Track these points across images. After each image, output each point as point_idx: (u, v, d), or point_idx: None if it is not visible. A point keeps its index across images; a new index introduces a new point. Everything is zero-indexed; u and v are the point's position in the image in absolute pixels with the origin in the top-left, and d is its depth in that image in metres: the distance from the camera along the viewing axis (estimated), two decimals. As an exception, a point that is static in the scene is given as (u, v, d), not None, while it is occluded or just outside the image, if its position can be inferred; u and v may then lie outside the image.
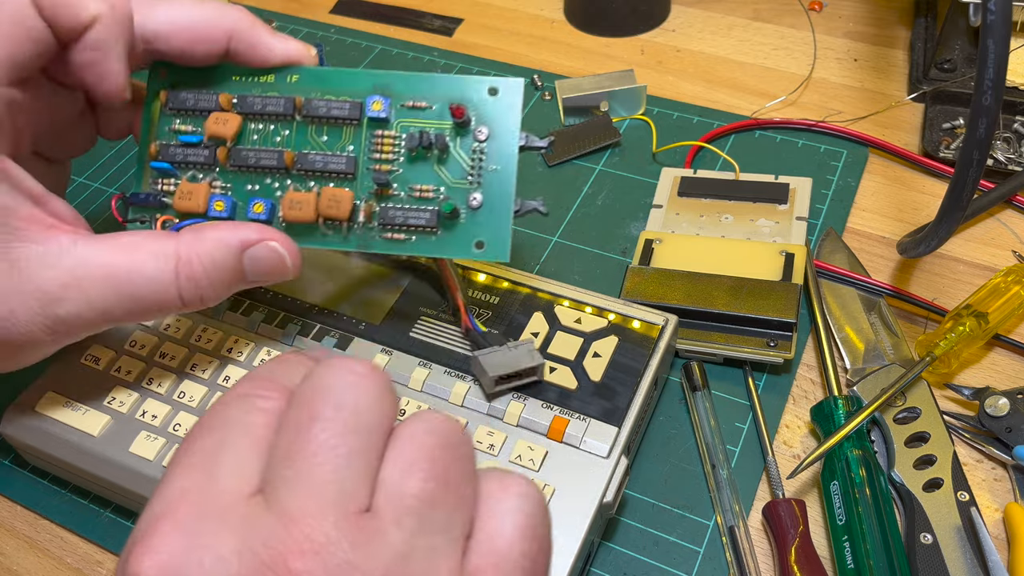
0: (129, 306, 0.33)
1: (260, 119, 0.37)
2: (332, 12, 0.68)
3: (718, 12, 0.64)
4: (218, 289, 0.34)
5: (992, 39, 0.32)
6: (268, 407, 0.25)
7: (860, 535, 0.35)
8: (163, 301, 0.33)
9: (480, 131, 0.36)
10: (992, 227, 0.48)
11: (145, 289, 0.33)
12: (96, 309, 0.32)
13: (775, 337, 0.42)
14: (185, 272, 0.33)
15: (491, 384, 0.36)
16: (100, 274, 0.32)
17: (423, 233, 0.36)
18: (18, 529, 0.40)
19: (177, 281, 0.33)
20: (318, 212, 0.36)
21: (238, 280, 0.35)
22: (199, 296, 0.34)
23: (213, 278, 0.34)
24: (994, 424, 0.39)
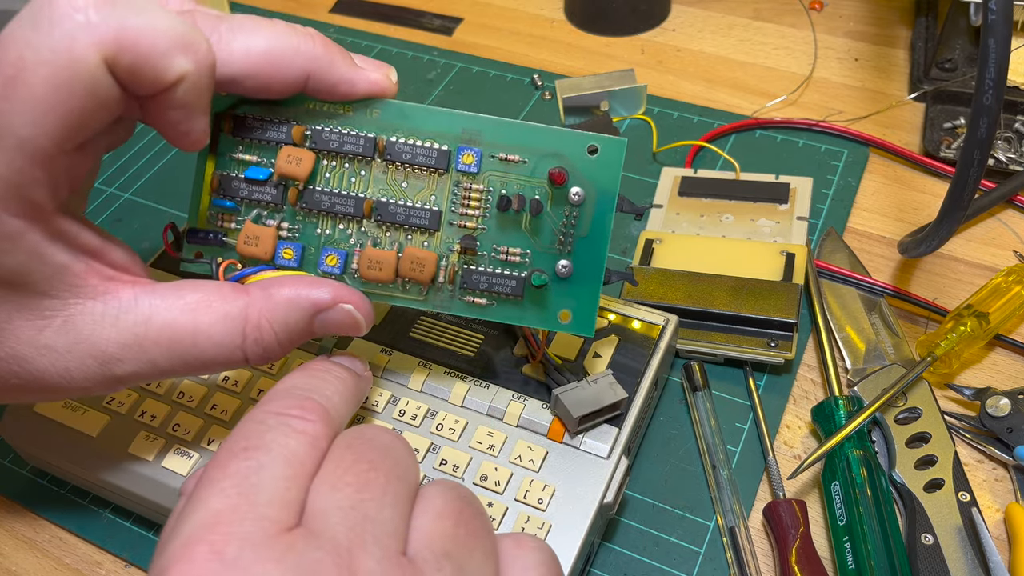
0: (192, 366, 0.30)
1: (336, 157, 0.33)
2: (332, 11, 0.68)
3: (718, 11, 0.64)
4: (285, 349, 0.31)
5: (993, 38, 0.32)
6: (307, 430, 0.25)
7: (861, 535, 0.35)
8: (228, 362, 0.31)
9: (576, 193, 0.32)
10: (993, 227, 0.48)
11: (211, 352, 0.30)
12: (157, 368, 0.30)
13: (776, 337, 0.41)
14: (253, 336, 0.30)
15: (575, 424, 0.35)
16: (164, 337, 0.30)
17: (507, 300, 0.33)
18: (17, 529, 0.40)
19: (244, 343, 0.30)
20: (398, 274, 0.33)
21: (306, 338, 0.32)
22: (265, 357, 0.31)
23: (283, 340, 0.31)
24: (995, 424, 0.39)
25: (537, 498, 0.34)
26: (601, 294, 0.41)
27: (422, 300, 0.34)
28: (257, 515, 0.22)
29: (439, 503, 0.25)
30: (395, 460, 0.25)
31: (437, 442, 0.36)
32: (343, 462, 0.24)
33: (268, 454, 0.24)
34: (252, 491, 0.23)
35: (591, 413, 0.34)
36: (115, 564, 0.39)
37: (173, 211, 0.53)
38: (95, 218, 0.53)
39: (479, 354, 0.39)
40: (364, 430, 0.26)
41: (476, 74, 0.60)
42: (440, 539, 0.24)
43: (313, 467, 0.24)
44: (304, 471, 0.24)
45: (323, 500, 0.23)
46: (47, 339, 0.29)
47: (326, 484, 0.24)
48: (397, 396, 0.38)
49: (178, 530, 0.22)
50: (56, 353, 0.29)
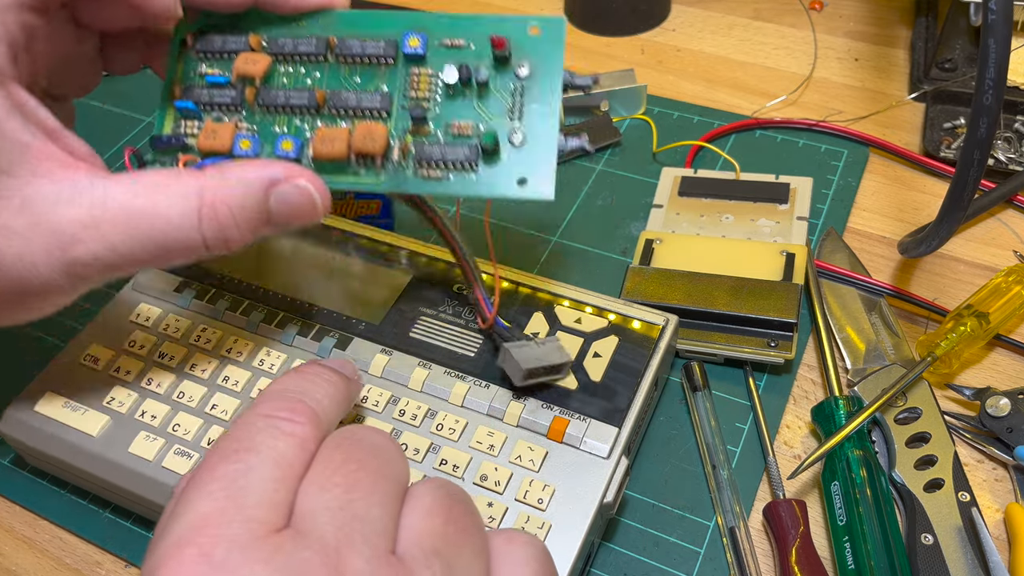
0: (151, 250, 0.30)
1: (291, 61, 0.35)
2: (332, 12, 0.68)
3: (718, 12, 0.64)
4: (244, 232, 0.32)
5: (993, 38, 0.32)
6: (296, 432, 0.25)
7: (861, 535, 0.35)
8: (187, 246, 0.31)
9: (521, 67, 0.34)
10: (993, 227, 0.48)
11: (168, 233, 0.30)
12: (116, 252, 0.30)
13: (776, 337, 0.41)
14: (209, 215, 0.31)
15: (521, 377, 0.35)
16: (121, 216, 0.30)
17: (462, 171, 0.34)
18: (17, 529, 0.40)
19: (201, 225, 0.31)
20: (351, 147, 0.34)
21: (264, 222, 0.32)
22: (224, 240, 0.31)
23: (239, 220, 0.31)
24: (995, 424, 0.39)
25: (537, 498, 0.34)
26: (600, 294, 0.41)
27: (376, 180, 0.34)
28: (245, 517, 0.22)
29: (428, 501, 0.25)
30: (384, 459, 0.25)
31: (437, 442, 0.36)
32: (331, 463, 0.25)
33: (257, 456, 0.24)
34: (240, 493, 0.23)
35: (537, 369, 0.36)
36: (115, 564, 0.39)
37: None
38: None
39: (479, 354, 0.39)
40: (353, 431, 0.26)
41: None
42: (429, 537, 0.24)
43: (302, 468, 0.24)
44: (292, 473, 0.24)
45: (311, 501, 0.23)
46: (5, 219, 0.29)
47: (314, 485, 0.24)
48: (397, 396, 0.38)
49: (168, 531, 0.22)
50: (15, 234, 0.29)
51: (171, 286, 0.43)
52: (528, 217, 0.51)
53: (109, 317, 0.42)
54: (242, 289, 0.42)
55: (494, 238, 0.50)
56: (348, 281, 0.42)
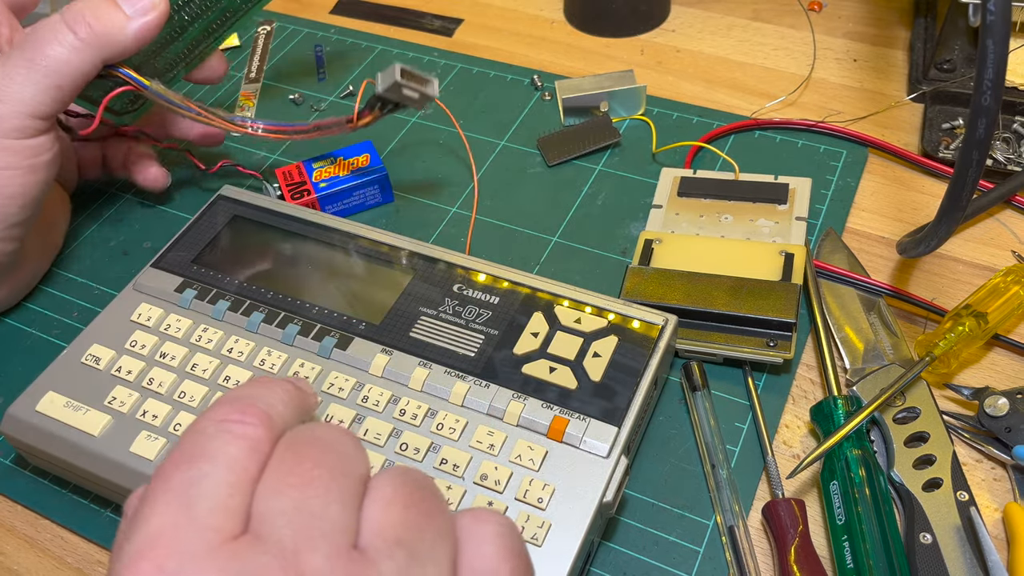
0: (47, 60, 0.41)
1: None
2: (332, 12, 0.68)
3: (718, 12, 0.64)
4: (101, 20, 0.41)
5: (991, 39, 0.32)
6: (248, 433, 0.25)
7: (860, 535, 0.35)
8: (64, 43, 0.41)
9: None
10: (991, 227, 0.48)
11: (48, 35, 0.41)
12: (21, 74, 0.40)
13: (775, 337, 0.42)
14: (69, 18, 0.41)
15: (397, 74, 0.43)
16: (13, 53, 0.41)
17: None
18: (18, 529, 0.40)
19: (67, 25, 0.41)
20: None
21: (116, 11, 0.42)
22: (89, 29, 0.41)
23: (92, 8, 0.41)
24: (993, 424, 0.39)
25: (537, 497, 0.34)
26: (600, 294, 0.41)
27: None
28: (199, 527, 0.22)
29: (388, 491, 0.25)
30: (339, 454, 0.25)
31: (437, 442, 0.36)
32: (284, 463, 0.24)
33: (209, 462, 0.24)
34: (193, 502, 0.23)
35: (409, 72, 0.44)
36: (116, 563, 0.39)
37: (175, 211, 0.53)
38: (96, 218, 0.53)
39: (479, 354, 0.39)
40: (307, 428, 0.26)
41: (476, 75, 0.61)
42: (391, 527, 0.24)
43: (256, 471, 0.24)
44: (247, 476, 0.24)
45: (267, 504, 0.23)
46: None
47: (269, 488, 0.23)
48: (397, 396, 0.38)
49: (123, 548, 0.22)
50: None
51: (172, 286, 0.43)
52: (528, 217, 0.51)
53: (110, 317, 0.42)
54: (242, 289, 0.42)
55: (493, 238, 0.50)
56: (348, 281, 0.42)
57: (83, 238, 0.52)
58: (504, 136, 0.56)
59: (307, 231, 0.45)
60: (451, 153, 0.55)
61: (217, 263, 0.44)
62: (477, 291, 0.41)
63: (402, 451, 0.36)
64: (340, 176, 0.50)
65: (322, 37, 0.65)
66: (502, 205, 0.52)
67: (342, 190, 0.50)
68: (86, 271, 0.50)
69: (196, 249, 0.44)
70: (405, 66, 0.43)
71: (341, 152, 0.52)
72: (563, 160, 0.54)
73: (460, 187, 0.53)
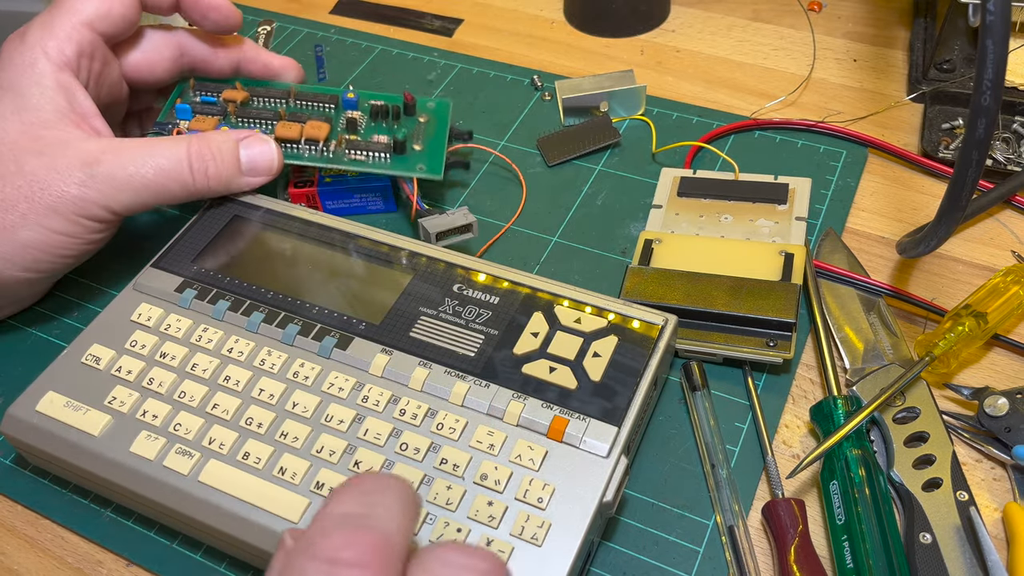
0: (155, 176, 0.42)
1: (263, 98, 0.50)
2: (332, 12, 0.68)
3: (718, 12, 0.64)
4: (221, 172, 0.44)
5: (991, 39, 0.32)
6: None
7: (859, 535, 0.35)
8: (179, 176, 0.43)
9: (422, 117, 0.50)
10: (991, 227, 0.48)
11: (165, 162, 0.42)
12: (128, 172, 0.42)
13: (774, 337, 0.42)
14: (196, 153, 0.43)
15: (434, 239, 0.46)
16: (128, 146, 0.43)
17: (379, 160, 0.48)
18: (19, 529, 0.40)
19: (189, 160, 0.43)
20: (302, 133, 0.47)
21: (237, 169, 0.45)
22: (205, 175, 0.43)
23: (218, 161, 0.44)
24: (993, 424, 0.39)
25: (537, 497, 0.34)
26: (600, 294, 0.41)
27: (319, 157, 0.48)
28: None
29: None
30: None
31: (437, 441, 0.36)
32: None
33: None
34: None
35: (446, 231, 0.46)
36: (116, 563, 0.39)
37: (175, 211, 0.53)
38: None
39: (479, 354, 0.39)
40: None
41: (476, 75, 0.61)
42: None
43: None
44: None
45: None
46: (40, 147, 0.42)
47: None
48: (397, 396, 0.38)
49: None
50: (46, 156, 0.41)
51: (172, 286, 0.43)
52: (527, 217, 0.51)
53: (110, 317, 0.42)
54: (242, 289, 0.42)
55: (494, 238, 0.50)
56: (348, 281, 0.42)
57: (83, 238, 0.52)
58: (504, 136, 0.56)
59: (307, 231, 0.45)
60: (451, 153, 0.55)
61: (217, 263, 0.44)
62: (477, 291, 0.41)
63: (402, 451, 0.36)
64: (347, 176, 0.50)
65: (322, 37, 0.65)
66: (502, 205, 0.52)
67: (344, 190, 0.50)
68: (86, 271, 0.50)
69: (196, 249, 0.44)
70: (438, 229, 0.45)
71: None
72: (563, 160, 0.54)
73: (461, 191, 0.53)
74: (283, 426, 0.38)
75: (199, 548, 0.39)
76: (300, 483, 0.36)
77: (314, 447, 0.37)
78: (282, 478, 0.36)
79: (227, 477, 0.36)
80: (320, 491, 0.36)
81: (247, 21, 0.67)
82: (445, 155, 0.48)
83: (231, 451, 0.37)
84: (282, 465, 0.36)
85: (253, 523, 0.35)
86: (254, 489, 0.36)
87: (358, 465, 0.36)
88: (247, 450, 0.37)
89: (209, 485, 0.36)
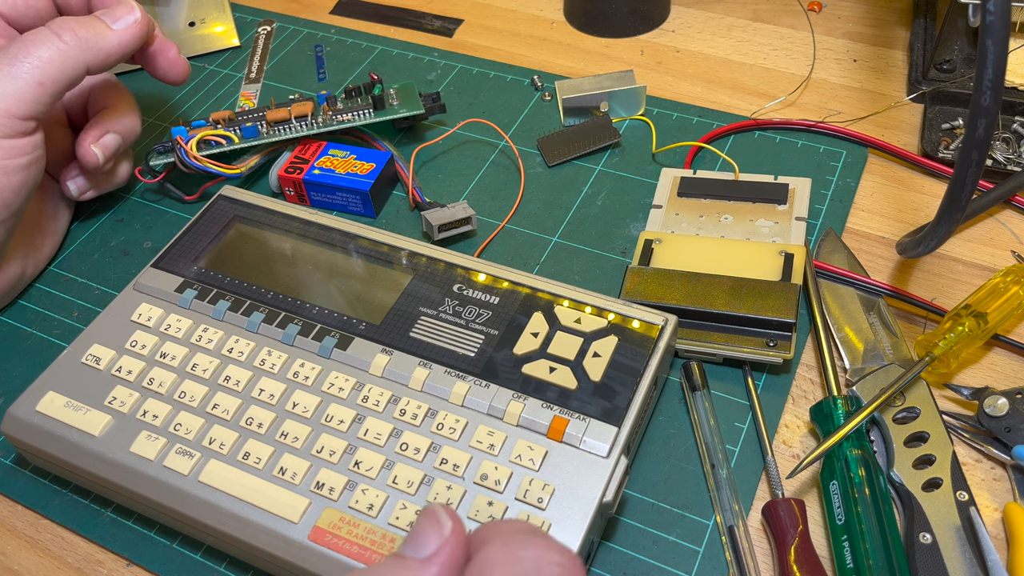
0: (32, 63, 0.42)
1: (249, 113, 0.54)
2: (332, 12, 0.68)
3: (718, 13, 0.64)
4: (88, 28, 0.43)
5: (991, 39, 0.32)
6: None
7: (859, 535, 0.35)
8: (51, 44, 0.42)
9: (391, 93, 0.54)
10: (991, 227, 0.48)
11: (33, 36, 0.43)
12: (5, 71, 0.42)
13: (774, 337, 0.42)
14: (57, 24, 0.43)
15: (435, 232, 0.48)
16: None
17: (363, 115, 0.52)
18: (19, 529, 0.40)
19: (52, 31, 0.43)
20: (291, 113, 0.52)
21: (102, 23, 0.44)
22: (75, 34, 0.43)
23: (81, 23, 0.43)
24: (993, 424, 0.39)
25: (537, 497, 0.34)
26: (600, 294, 0.41)
27: (311, 129, 0.52)
28: None
29: None
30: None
31: (437, 441, 0.37)
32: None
33: None
34: None
35: (447, 224, 0.48)
36: (117, 563, 0.39)
37: (175, 211, 0.53)
38: (96, 218, 0.53)
39: (479, 354, 0.39)
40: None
41: (476, 75, 0.61)
42: None
43: None
44: None
45: None
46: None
47: None
48: (397, 396, 0.38)
49: None
50: None
51: (172, 286, 0.43)
52: (527, 217, 0.51)
53: (110, 317, 0.42)
54: (242, 289, 0.42)
55: (494, 239, 0.50)
56: (348, 281, 0.42)
57: (83, 238, 0.52)
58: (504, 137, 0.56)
59: (307, 231, 0.45)
60: (456, 155, 0.55)
61: (217, 263, 0.44)
62: (477, 291, 0.41)
63: (402, 451, 0.36)
64: (335, 172, 0.51)
65: (322, 37, 0.65)
66: (502, 205, 0.52)
67: (328, 186, 0.50)
68: (86, 271, 0.50)
69: (196, 249, 0.44)
70: (440, 221, 0.48)
71: (360, 151, 0.52)
72: (563, 160, 0.54)
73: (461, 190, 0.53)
74: (283, 426, 0.38)
75: (199, 548, 0.39)
76: (300, 483, 0.36)
77: (314, 447, 0.37)
78: (282, 478, 0.36)
79: (227, 477, 0.36)
80: (320, 491, 0.36)
81: (247, 21, 0.67)
82: (420, 100, 0.53)
83: (231, 451, 0.37)
84: (282, 465, 0.36)
85: (253, 523, 0.35)
86: (254, 489, 0.36)
87: (358, 465, 0.36)
88: (247, 450, 0.37)
89: (209, 485, 0.36)
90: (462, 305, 0.41)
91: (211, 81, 0.62)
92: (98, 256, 0.51)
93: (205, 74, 0.63)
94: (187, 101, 0.61)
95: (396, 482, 0.35)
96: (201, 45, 0.65)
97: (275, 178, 0.52)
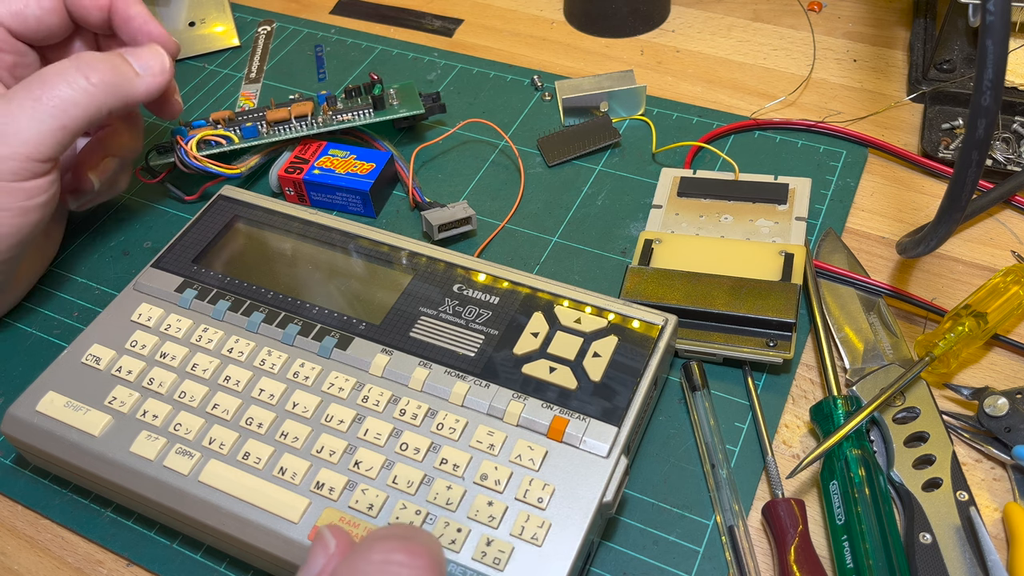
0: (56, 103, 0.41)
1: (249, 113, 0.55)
2: (332, 12, 0.68)
3: (718, 13, 0.64)
4: (116, 71, 0.43)
5: (991, 39, 0.32)
6: None
7: (859, 535, 0.35)
8: (77, 86, 0.42)
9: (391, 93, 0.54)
10: (991, 227, 0.48)
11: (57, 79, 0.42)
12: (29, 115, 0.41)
13: (774, 337, 0.42)
14: (85, 64, 0.42)
15: (435, 232, 0.48)
16: (19, 95, 0.42)
17: (363, 115, 0.53)
18: (19, 529, 0.40)
19: (80, 70, 0.42)
20: (291, 113, 0.53)
21: (131, 70, 0.44)
22: (102, 79, 0.42)
23: (109, 65, 0.43)
24: (993, 424, 0.39)
25: (537, 497, 0.34)
26: (600, 294, 0.41)
27: (311, 129, 0.52)
28: None
29: None
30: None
31: (437, 442, 0.36)
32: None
33: None
34: None
35: (447, 223, 0.48)
36: (117, 563, 0.39)
37: (175, 211, 0.53)
38: (96, 218, 0.53)
39: (479, 354, 0.39)
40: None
41: (476, 75, 0.61)
42: None
43: None
44: None
45: None
46: None
47: None
48: (397, 396, 0.38)
49: None
50: None
51: (172, 286, 0.43)
52: (527, 217, 0.51)
53: (110, 317, 0.42)
54: (242, 289, 0.42)
55: (494, 239, 0.50)
56: (348, 281, 0.42)
57: (83, 238, 0.52)
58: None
59: (307, 231, 0.45)
60: (456, 155, 0.55)
61: (217, 263, 0.44)
62: (477, 291, 0.41)
63: (402, 451, 0.36)
64: (335, 172, 0.51)
65: (322, 37, 0.65)
66: (502, 205, 0.52)
67: (328, 186, 0.50)
68: (86, 271, 0.50)
69: (196, 249, 0.44)
70: (440, 221, 0.48)
71: (360, 151, 0.52)
72: (563, 160, 0.54)
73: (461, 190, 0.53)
74: (283, 426, 0.38)
75: (199, 548, 0.39)
76: (300, 483, 0.36)
77: (314, 447, 0.37)
78: (282, 478, 0.36)
79: (227, 477, 0.36)
80: (320, 491, 0.36)
81: (247, 21, 0.67)
82: (420, 100, 0.53)
83: (231, 451, 0.37)
84: (282, 465, 0.36)
85: (253, 523, 0.35)
86: (254, 489, 0.36)
87: (358, 465, 0.36)
88: (247, 450, 0.37)
89: (209, 485, 0.36)
90: (462, 305, 0.41)
91: (211, 81, 0.62)
92: (98, 256, 0.51)
93: (205, 74, 0.63)
94: (187, 101, 0.61)
95: (396, 482, 0.35)
96: (201, 45, 0.65)
97: (275, 178, 0.52)
